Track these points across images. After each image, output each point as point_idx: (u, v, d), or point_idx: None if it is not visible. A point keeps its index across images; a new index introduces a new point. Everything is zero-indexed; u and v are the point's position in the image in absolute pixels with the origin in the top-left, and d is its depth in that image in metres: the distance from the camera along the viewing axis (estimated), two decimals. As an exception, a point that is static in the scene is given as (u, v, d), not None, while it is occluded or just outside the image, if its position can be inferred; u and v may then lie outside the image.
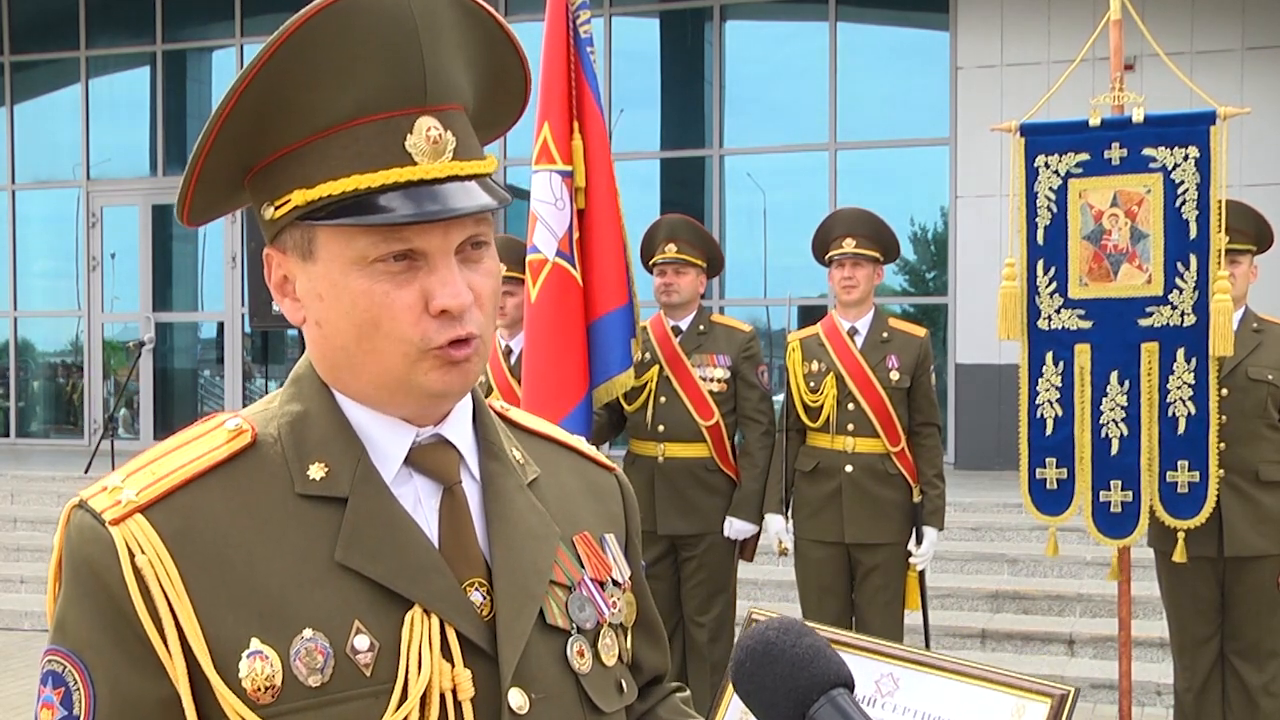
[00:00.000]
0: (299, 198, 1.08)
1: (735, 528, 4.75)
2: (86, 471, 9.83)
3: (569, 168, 4.16)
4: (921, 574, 4.68)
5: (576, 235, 4.19)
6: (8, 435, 13.34)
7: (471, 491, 1.18)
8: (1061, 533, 4.32)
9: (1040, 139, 4.00)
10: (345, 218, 1.06)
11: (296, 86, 1.07)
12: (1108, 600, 6.62)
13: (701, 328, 4.86)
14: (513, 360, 4.69)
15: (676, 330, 4.86)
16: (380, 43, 1.06)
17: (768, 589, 7.17)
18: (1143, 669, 5.86)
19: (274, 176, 1.10)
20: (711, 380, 4.79)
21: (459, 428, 1.19)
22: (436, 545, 1.13)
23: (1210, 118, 3.87)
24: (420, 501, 1.15)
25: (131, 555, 1.04)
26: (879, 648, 1.24)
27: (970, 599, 7.06)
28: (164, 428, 12.56)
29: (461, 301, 1.09)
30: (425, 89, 1.08)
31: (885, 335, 4.69)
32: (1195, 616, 4.28)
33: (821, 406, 4.66)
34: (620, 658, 1.23)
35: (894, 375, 4.63)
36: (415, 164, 1.07)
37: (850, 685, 1.08)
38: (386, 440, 1.14)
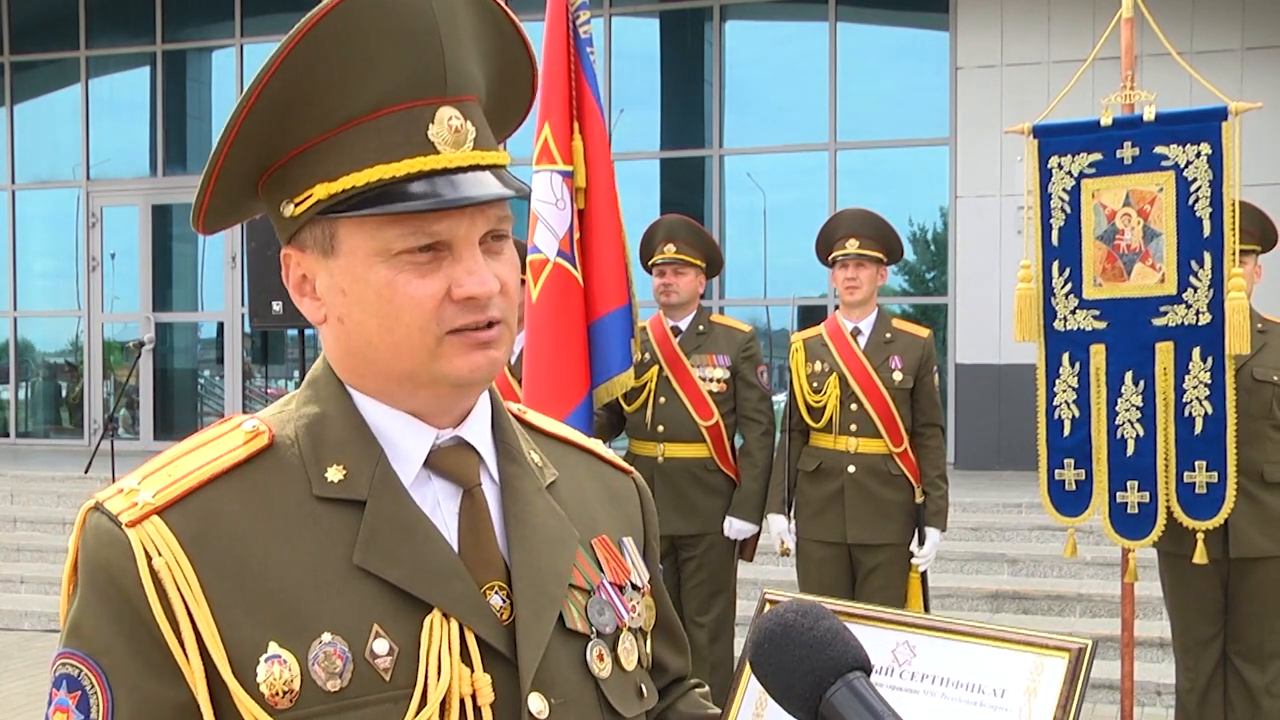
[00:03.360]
0: (321, 191, 1.07)
1: (735, 528, 4.75)
2: (86, 471, 9.82)
3: (569, 168, 4.15)
4: (924, 574, 4.68)
5: (577, 235, 4.19)
6: (8, 435, 13.34)
7: (490, 494, 1.17)
8: (1063, 532, 4.31)
9: (1053, 140, 3.99)
10: (369, 208, 1.06)
11: (318, 79, 1.06)
12: (1108, 600, 6.62)
13: (701, 328, 4.86)
14: (513, 360, 4.69)
15: (676, 330, 4.86)
16: (401, 34, 1.06)
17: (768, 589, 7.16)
18: (1143, 669, 5.86)
19: (293, 173, 1.10)
20: (711, 380, 4.78)
21: (478, 429, 1.18)
22: (455, 548, 1.12)
23: (1222, 114, 3.85)
24: (439, 504, 1.14)
25: (149, 558, 1.03)
26: (894, 617, 1.24)
27: (970, 599, 7.05)
28: (164, 428, 12.57)
29: (488, 289, 1.09)
30: (445, 79, 1.08)
31: (888, 336, 4.69)
32: (1199, 617, 4.27)
33: (824, 407, 4.65)
34: (640, 662, 1.22)
35: (897, 376, 4.62)
36: (438, 153, 1.07)
37: (868, 669, 1.08)
38: (406, 442, 1.13)
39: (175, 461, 1.11)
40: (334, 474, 1.10)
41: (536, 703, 1.09)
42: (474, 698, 1.07)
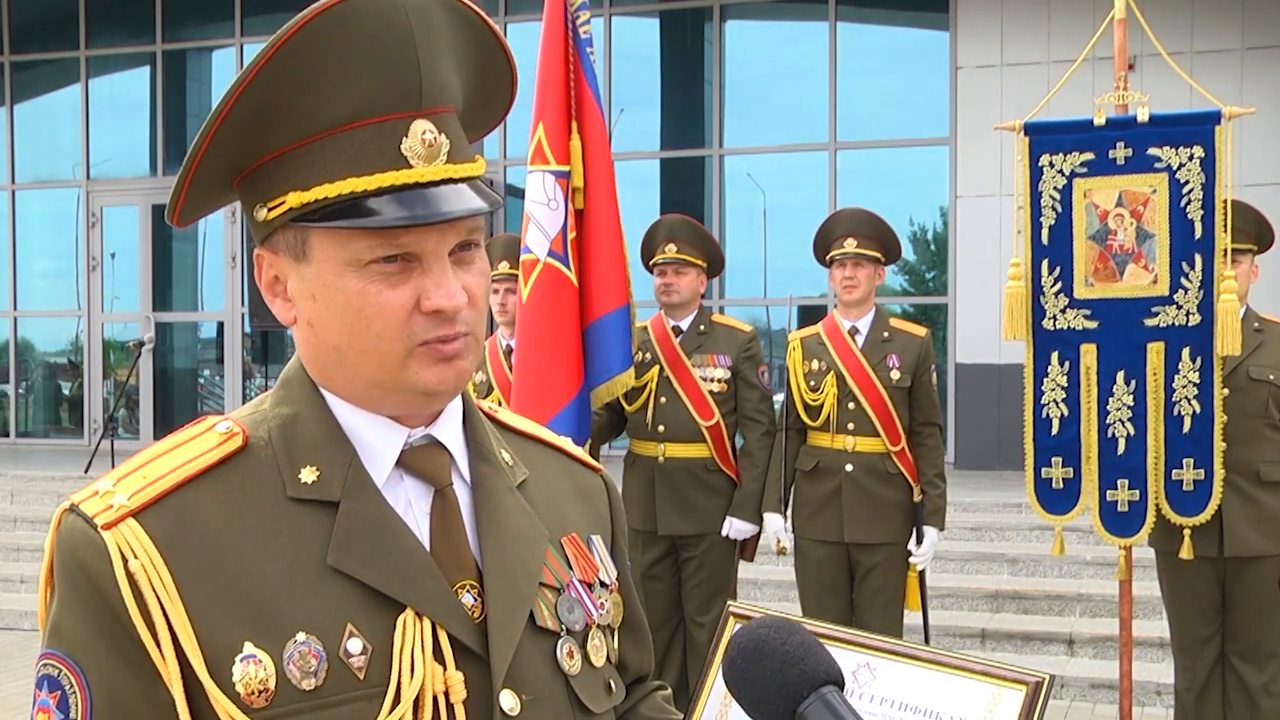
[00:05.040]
0: (294, 200, 1.08)
1: (735, 528, 4.75)
2: (86, 471, 9.83)
3: (563, 168, 4.15)
4: (922, 574, 4.68)
5: (572, 235, 4.18)
6: (8, 435, 13.35)
7: (462, 493, 1.18)
8: (1063, 532, 4.33)
9: (1044, 138, 3.99)
10: (340, 220, 1.07)
11: (293, 90, 1.07)
12: (1108, 600, 6.62)
13: (702, 328, 4.86)
14: (513, 359, 4.69)
15: (677, 330, 4.86)
16: (377, 47, 1.07)
17: (768, 589, 7.17)
18: (1143, 669, 5.86)
19: (267, 178, 1.11)
20: (712, 380, 4.79)
21: (450, 429, 1.19)
22: (428, 548, 1.13)
23: (1215, 117, 3.86)
24: (411, 504, 1.15)
25: (124, 560, 1.04)
26: (855, 638, 1.25)
27: (970, 599, 7.06)
28: (164, 428, 12.57)
29: (456, 303, 1.10)
30: (420, 93, 1.09)
31: (886, 335, 4.69)
32: (1196, 616, 4.28)
33: (822, 406, 4.66)
34: (608, 658, 1.23)
35: (895, 375, 4.62)
36: (410, 167, 1.08)
37: (840, 683, 1.09)
38: (378, 442, 1.14)
39: (149, 464, 1.12)
40: (307, 475, 1.11)
41: (508, 700, 1.11)
42: (446, 695, 1.08)
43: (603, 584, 1.25)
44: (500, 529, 1.17)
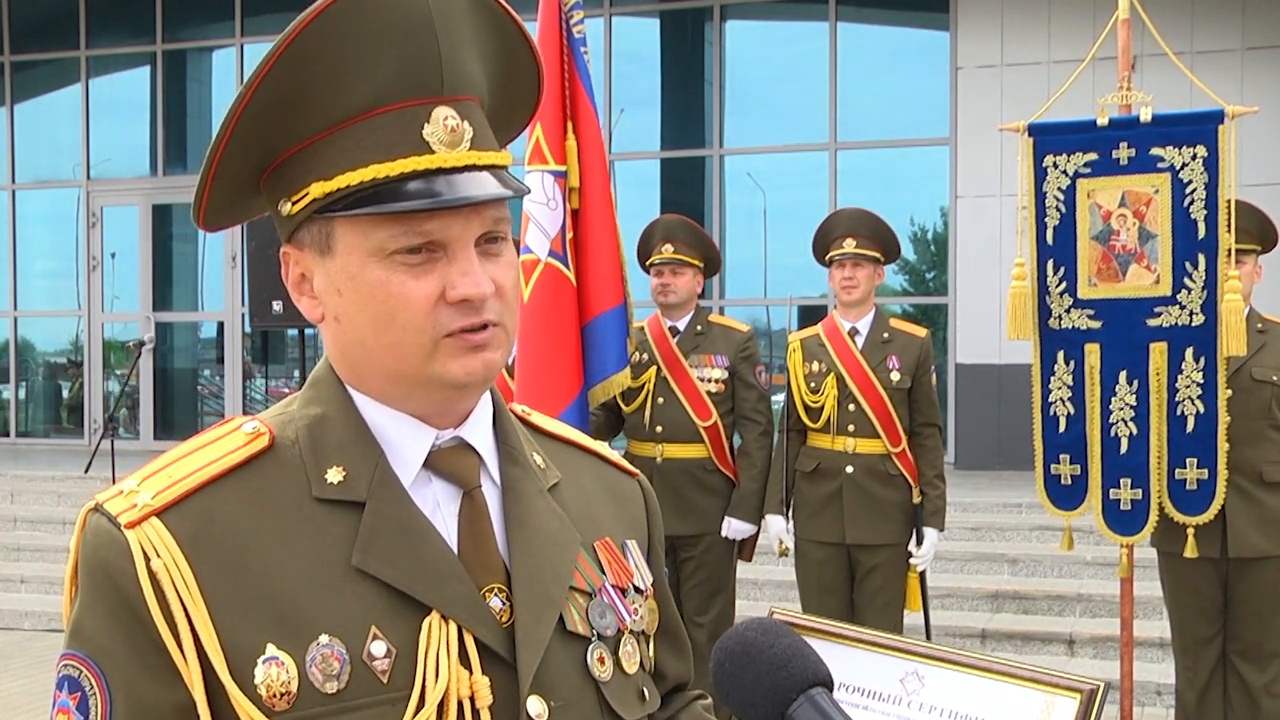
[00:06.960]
0: (317, 190, 1.07)
1: (733, 528, 4.74)
2: (86, 471, 9.82)
3: (561, 168, 4.15)
4: (922, 574, 4.68)
5: (570, 235, 4.19)
6: (8, 435, 13.34)
7: (491, 496, 1.16)
8: (1062, 533, 4.33)
9: (1048, 139, 3.99)
10: (364, 208, 1.06)
11: (313, 79, 1.06)
12: (1108, 600, 6.62)
13: (699, 328, 4.86)
14: (510, 360, 4.68)
15: (674, 331, 4.86)
16: (397, 33, 1.06)
17: (768, 589, 7.17)
18: (1143, 669, 5.86)
19: (291, 172, 1.10)
20: (709, 381, 4.78)
21: (479, 430, 1.17)
22: (455, 550, 1.11)
23: (1218, 117, 3.86)
24: (439, 506, 1.13)
25: (147, 559, 1.03)
26: (904, 645, 1.23)
27: (970, 599, 7.05)
28: (164, 428, 12.57)
29: (482, 290, 1.08)
30: (442, 79, 1.08)
31: (886, 335, 4.69)
32: (1197, 616, 4.28)
33: (822, 407, 4.65)
34: (642, 665, 1.21)
35: (895, 376, 4.62)
36: (434, 152, 1.06)
37: (829, 684, 1.08)
38: (406, 443, 1.13)
39: (175, 463, 1.11)
40: (334, 475, 1.10)
41: (536, 705, 1.09)
42: (472, 700, 1.06)
43: (637, 589, 1.23)
44: (529, 532, 1.15)
